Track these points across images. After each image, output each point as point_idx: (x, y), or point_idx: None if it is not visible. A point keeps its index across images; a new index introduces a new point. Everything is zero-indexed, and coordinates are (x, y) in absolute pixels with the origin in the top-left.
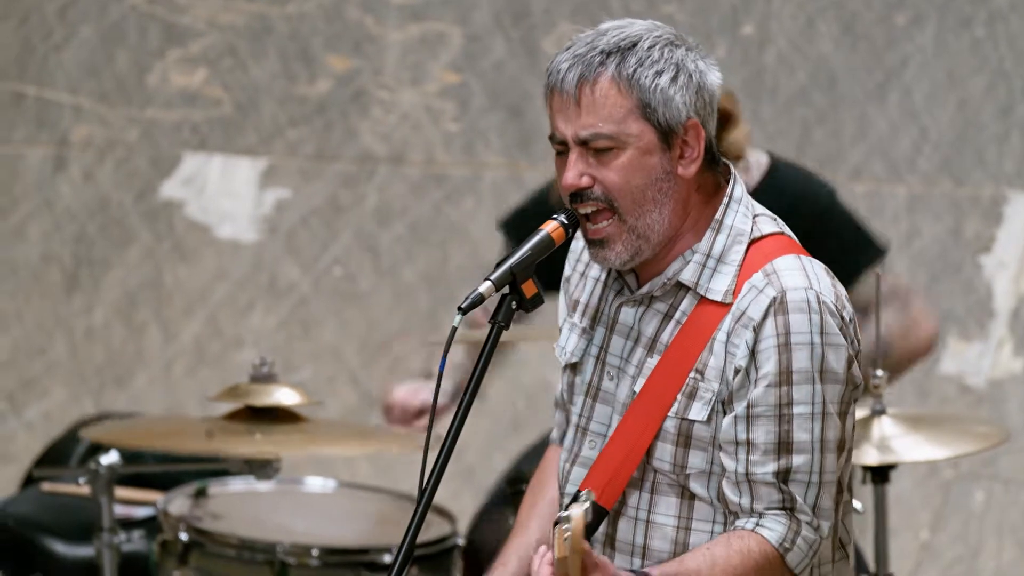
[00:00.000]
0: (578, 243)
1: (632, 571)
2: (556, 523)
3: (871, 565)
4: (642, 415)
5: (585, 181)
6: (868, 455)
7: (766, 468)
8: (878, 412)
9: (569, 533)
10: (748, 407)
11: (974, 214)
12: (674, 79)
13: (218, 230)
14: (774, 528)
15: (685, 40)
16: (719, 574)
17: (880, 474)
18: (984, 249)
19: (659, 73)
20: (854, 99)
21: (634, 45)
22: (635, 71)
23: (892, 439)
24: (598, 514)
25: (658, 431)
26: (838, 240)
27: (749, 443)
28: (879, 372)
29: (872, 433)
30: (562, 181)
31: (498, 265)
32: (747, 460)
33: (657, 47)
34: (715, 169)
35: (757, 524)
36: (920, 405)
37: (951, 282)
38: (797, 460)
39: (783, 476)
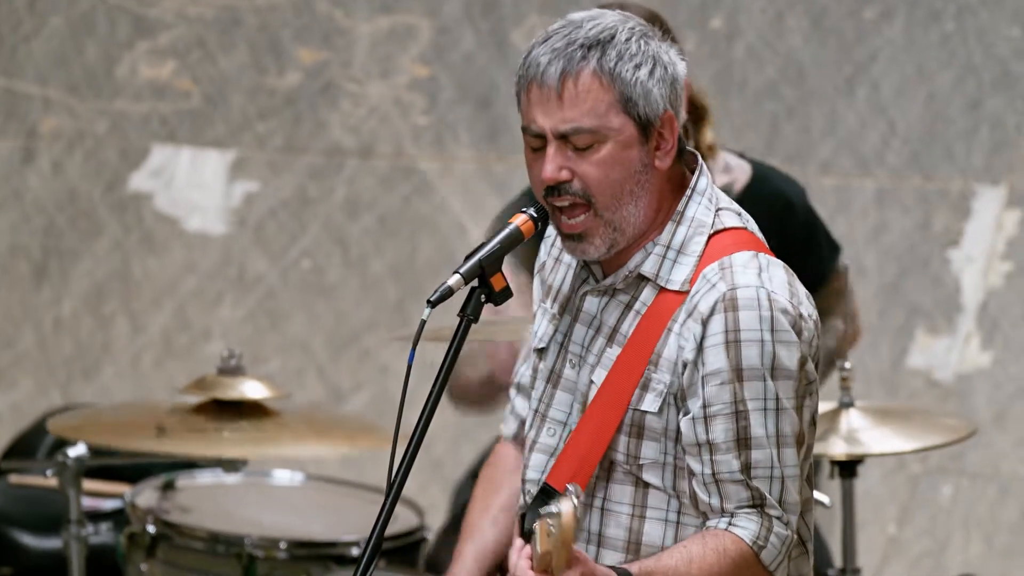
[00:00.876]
0: (552, 229)
1: (612, 567)
2: (540, 516)
3: (838, 559)
4: (605, 406)
5: (564, 175)
6: (836, 447)
7: (731, 466)
8: (846, 405)
9: (555, 528)
10: (704, 407)
11: (942, 208)
12: (652, 72)
13: (187, 222)
14: (747, 526)
15: (654, 31)
16: (695, 571)
17: (848, 468)
18: (952, 243)
19: (638, 66)
20: (823, 93)
21: (612, 38)
22: (616, 64)
23: (860, 432)
24: None
25: (620, 422)
26: (815, 242)
27: (711, 444)
28: (847, 364)
29: (840, 426)
30: (540, 175)
31: (467, 258)
32: (711, 460)
33: (634, 39)
34: (682, 161)
35: (730, 523)
36: (888, 399)
37: (919, 276)
38: (756, 455)
39: (746, 471)
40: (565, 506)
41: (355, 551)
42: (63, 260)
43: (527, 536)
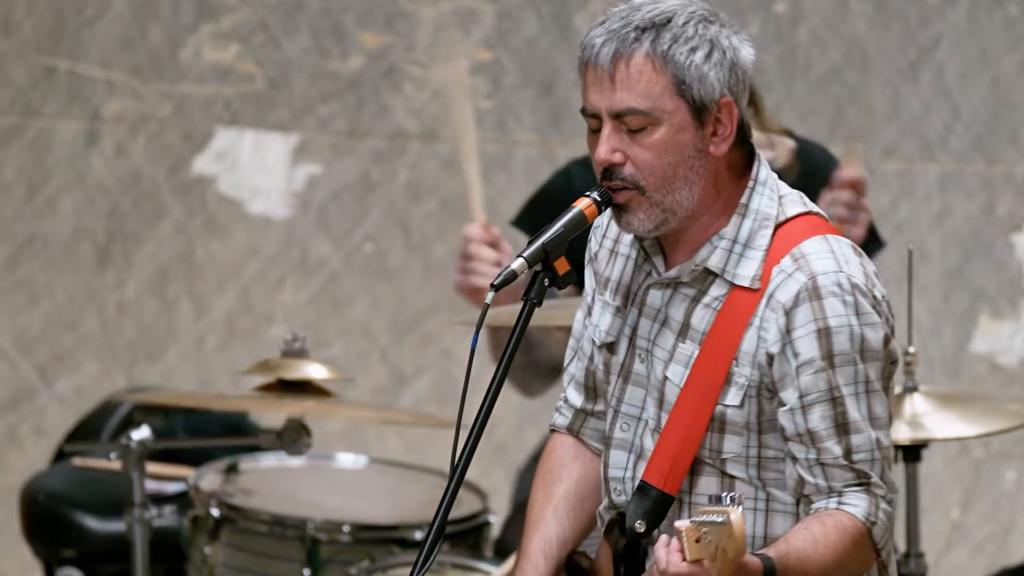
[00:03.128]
0: (603, 218)
1: (756, 554)
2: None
3: (901, 544)
4: (692, 404)
5: (618, 157)
6: (900, 432)
7: (834, 452)
8: (910, 390)
9: (714, 536)
10: (800, 397)
11: (1006, 193)
12: (708, 56)
13: (250, 205)
14: (857, 504)
15: (719, 16)
16: (822, 550)
17: (912, 452)
18: (1016, 228)
19: (693, 50)
20: (887, 77)
21: (668, 21)
22: (670, 47)
23: (924, 416)
24: (665, 501)
25: (709, 421)
26: None
27: (811, 432)
28: (911, 349)
29: (904, 410)
30: (595, 156)
31: (531, 242)
32: (814, 448)
33: (691, 23)
34: (745, 148)
35: (840, 502)
36: (951, 383)
37: (983, 261)
38: (856, 440)
39: (848, 456)
40: (735, 517)
41: (418, 535)
42: (127, 243)
43: (631, 533)
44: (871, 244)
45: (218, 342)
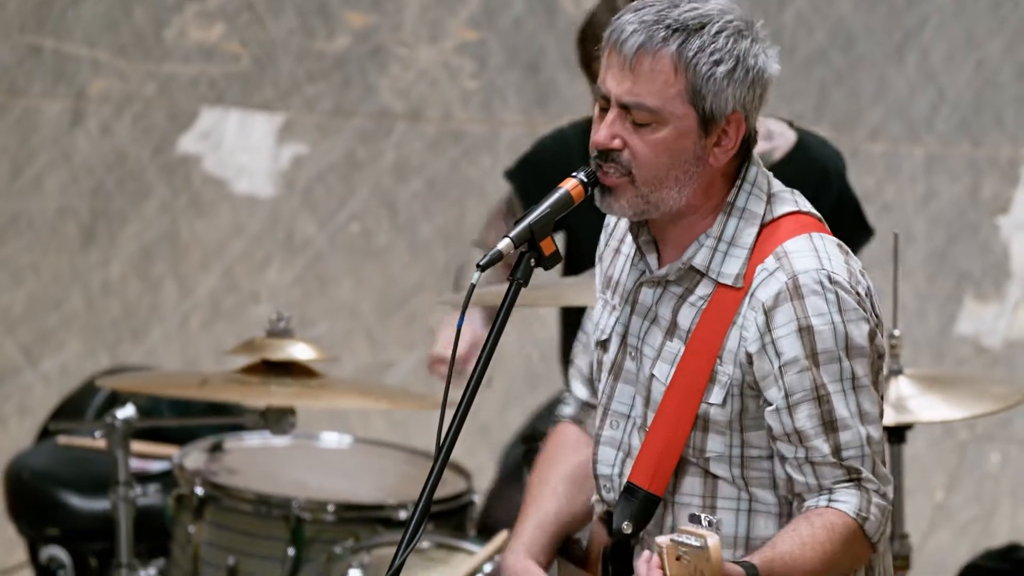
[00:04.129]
0: (613, 218)
1: (738, 563)
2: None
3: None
4: (677, 403)
5: (616, 143)
6: (885, 415)
7: (822, 451)
8: (895, 372)
9: (689, 556)
10: (786, 396)
11: (991, 175)
12: (731, 72)
13: (235, 185)
14: (848, 500)
15: (753, 29)
16: (809, 552)
17: (896, 434)
18: (1001, 210)
19: (718, 63)
20: (872, 59)
21: (701, 28)
22: (695, 55)
23: (908, 399)
24: (652, 502)
25: (695, 419)
26: (844, 217)
27: (798, 432)
28: (896, 332)
29: (889, 393)
30: (594, 136)
31: (517, 223)
32: (802, 447)
33: (724, 34)
34: (743, 151)
35: (830, 499)
36: (936, 366)
37: (968, 243)
38: (845, 436)
39: (837, 454)
40: (711, 542)
41: (403, 514)
42: (111, 222)
43: (618, 534)
44: (860, 233)
45: (203, 321)
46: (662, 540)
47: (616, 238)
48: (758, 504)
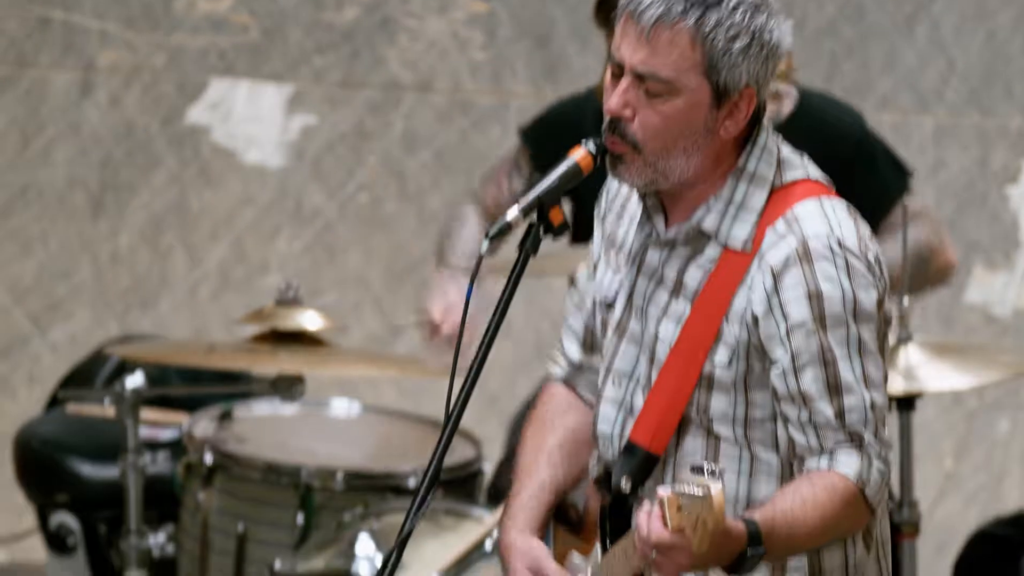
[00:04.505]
0: (615, 179)
1: (741, 519)
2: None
3: (896, 493)
4: (681, 362)
5: (627, 113)
6: (894, 383)
7: (826, 414)
8: (904, 340)
9: (693, 507)
10: (792, 359)
11: (1001, 145)
12: (747, 48)
13: (244, 155)
14: (850, 464)
15: (768, 3)
16: (810, 511)
17: (905, 403)
18: (1010, 180)
19: (734, 38)
20: (883, 31)
21: (719, 2)
22: (712, 30)
23: (917, 368)
24: (651, 461)
25: (697, 380)
26: (874, 167)
27: (803, 394)
28: (905, 300)
29: (898, 361)
30: (606, 104)
31: (525, 193)
32: (807, 408)
33: (740, 9)
34: (755, 124)
35: (831, 461)
36: (945, 334)
37: (977, 213)
38: (849, 400)
39: (840, 417)
40: (714, 488)
41: (412, 482)
42: (120, 193)
43: (616, 491)
44: (898, 177)
45: (212, 291)
46: (663, 491)
47: (620, 199)
48: (760, 465)
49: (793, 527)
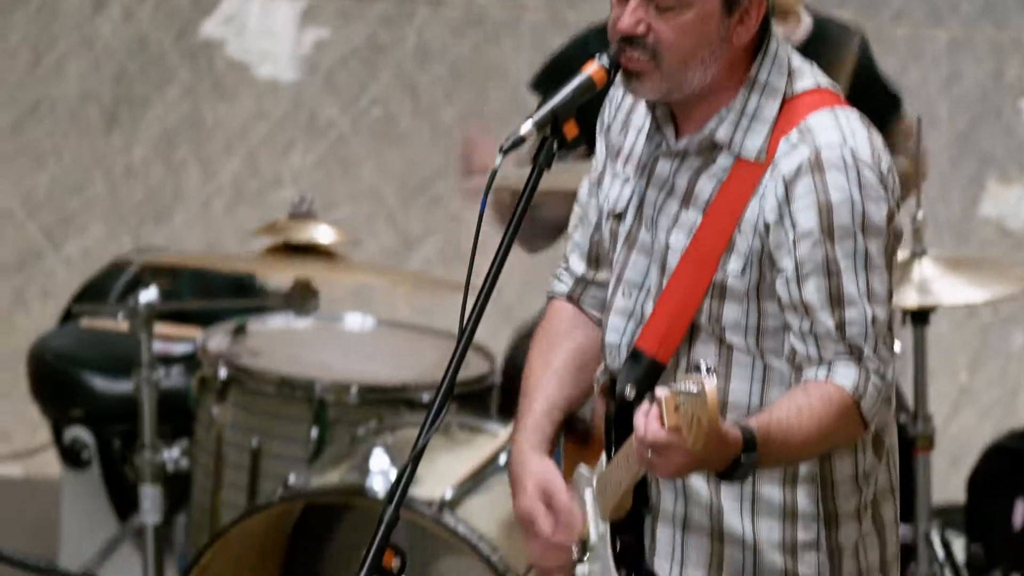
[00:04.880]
0: (617, 90)
1: (737, 424)
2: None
3: (910, 406)
4: (692, 270)
5: (641, 29)
6: (908, 297)
7: (826, 324)
8: (918, 254)
9: (690, 406)
10: (797, 268)
11: (1015, 58)
12: None
13: (257, 69)
14: (847, 376)
15: None
16: (805, 420)
17: (920, 317)
18: None
19: None
20: None
21: None
22: None
23: (932, 281)
24: (656, 368)
25: (707, 288)
26: (871, 90)
27: (805, 303)
28: (919, 214)
29: (912, 275)
30: (617, 25)
31: (540, 106)
32: (808, 318)
33: None
34: (762, 26)
35: (829, 372)
36: (959, 248)
37: (991, 126)
38: (850, 313)
39: (841, 329)
40: (708, 387)
41: (426, 396)
42: (134, 107)
43: (620, 399)
44: (887, 103)
45: (225, 205)
46: (661, 391)
47: (624, 110)
48: (773, 374)
49: (788, 435)
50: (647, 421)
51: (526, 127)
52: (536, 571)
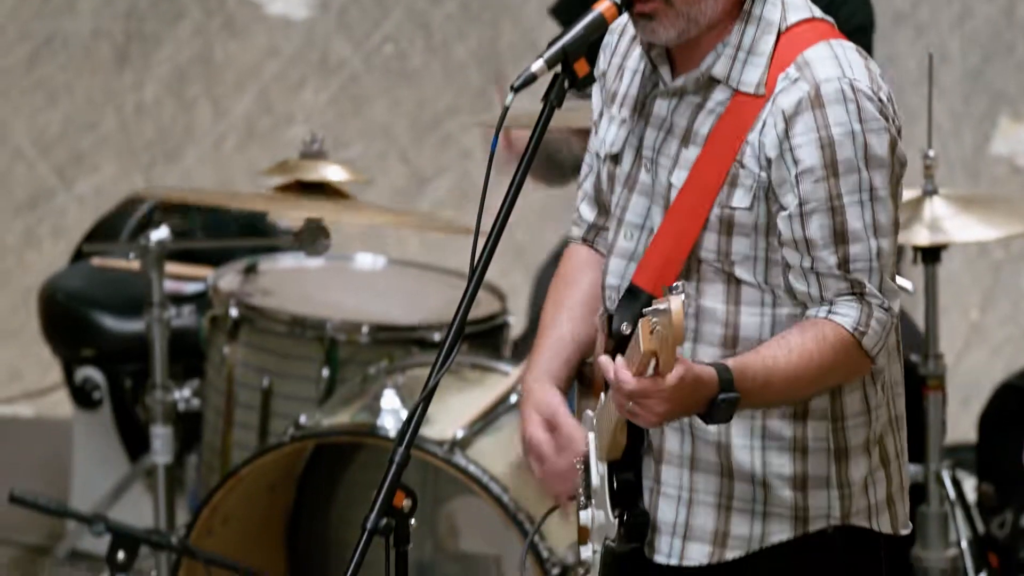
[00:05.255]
0: (612, 36)
1: (711, 364)
2: (641, 316)
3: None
4: (688, 205)
5: None
6: (919, 235)
7: (828, 262)
8: (929, 193)
9: (662, 326)
10: (800, 204)
11: None
12: None
13: (269, 6)
14: (847, 314)
15: None
16: (795, 359)
17: (931, 254)
18: None
19: None
20: None
21: None
22: None
23: (943, 220)
24: (652, 304)
25: (705, 221)
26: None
27: (808, 240)
28: (931, 152)
29: (923, 213)
30: None
31: (551, 44)
32: (809, 256)
33: None
34: None
35: (829, 311)
36: (971, 186)
37: (1003, 62)
38: (854, 249)
39: (844, 266)
40: (675, 303)
41: (437, 335)
42: (145, 44)
43: (617, 336)
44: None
45: (237, 143)
46: (640, 320)
47: (619, 55)
48: (782, 310)
49: (772, 373)
50: (618, 372)
51: (537, 65)
52: (549, 502)
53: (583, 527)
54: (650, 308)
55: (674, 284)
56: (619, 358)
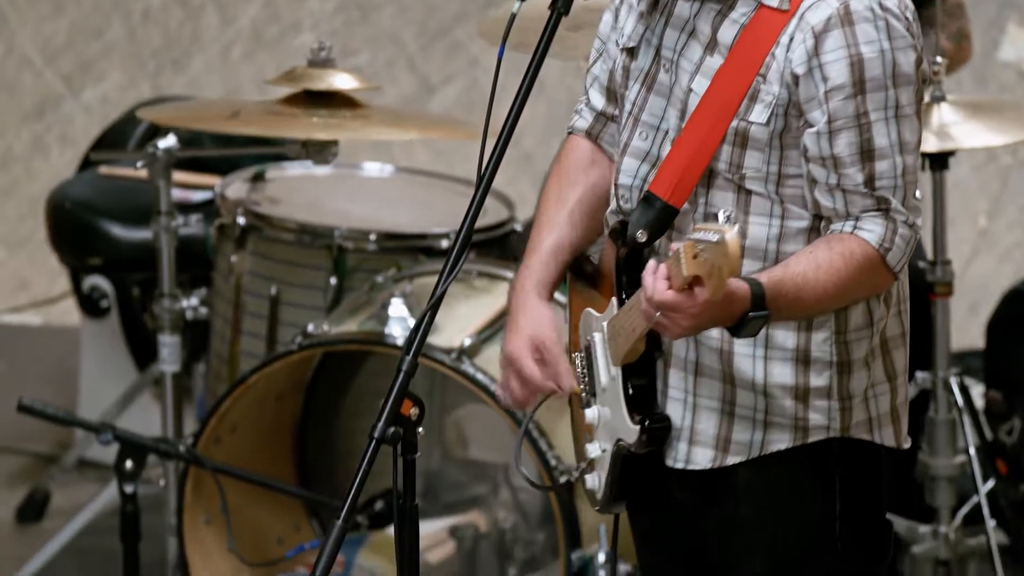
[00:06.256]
0: None
1: (745, 279)
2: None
3: (929, 253)
4: (710, 116)
5: None
6: (927, 142)
7: (855, 179)
8: (937, 99)
9: (710, 254)
10: (829, 122)
11: None
12: None
13: None
14: (873, 230)
15: None
16: (823, 276)
17: (939, 161)
18: None
19: None
20: None
21: None
22: None
23: (951, 126)
24: (669, 213)
25: (725, 132)
26: None
27: (835, 157)
28: (938, 59)
29: (931, 120)
30: None
31: None
32: (836, 173)
33: None
34: None
35: (855, 227)
36: (979, 92)
37: None
38: (880, 166)
39: (870, 183)
40: (731, 237)
41: (445, 243)
42: None
43: (631, 243)
44: None
45: (244, 51)
46: (676, 244)
47: None
48: (790, 221)
49: (802, 290)
50: (655, 281)
51: None
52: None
53: (588, 425)
54: (698, 236)
55: (727, 213)
56: (660, 268)
